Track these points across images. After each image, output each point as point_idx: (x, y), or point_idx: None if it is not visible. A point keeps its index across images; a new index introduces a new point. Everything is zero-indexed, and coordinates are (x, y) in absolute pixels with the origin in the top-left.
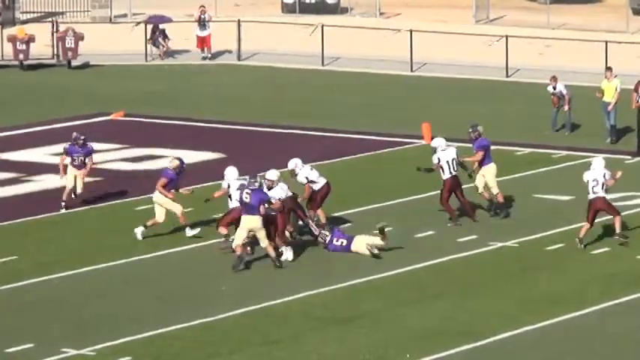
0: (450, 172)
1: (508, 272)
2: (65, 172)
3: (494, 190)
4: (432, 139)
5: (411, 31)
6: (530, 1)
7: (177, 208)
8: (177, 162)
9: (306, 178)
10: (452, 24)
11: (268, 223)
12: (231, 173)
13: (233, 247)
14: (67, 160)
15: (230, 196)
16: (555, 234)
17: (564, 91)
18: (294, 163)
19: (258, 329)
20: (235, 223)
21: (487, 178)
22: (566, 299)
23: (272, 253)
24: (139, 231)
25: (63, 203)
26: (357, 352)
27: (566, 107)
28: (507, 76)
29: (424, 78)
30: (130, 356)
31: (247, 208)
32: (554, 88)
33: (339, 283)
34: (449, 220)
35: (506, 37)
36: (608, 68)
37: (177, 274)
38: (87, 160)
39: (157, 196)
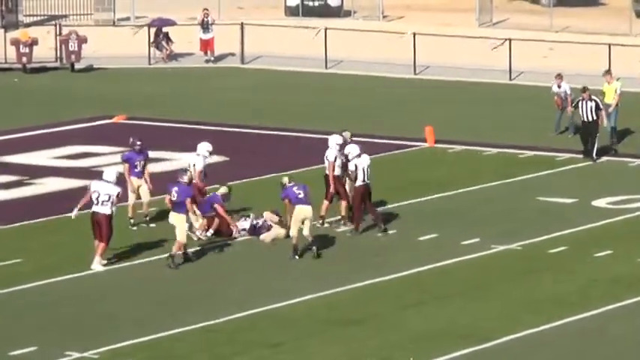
0: (363, 180)
1: (511, 275)
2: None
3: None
4: (435, 142)
5: (414, 34)
6: (533, 4)
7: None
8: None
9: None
10: (455, 27)
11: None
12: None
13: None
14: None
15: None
16: (559, 237)
17: (569, 92)
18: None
19: (263, 332)
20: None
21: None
22: (570, 302)
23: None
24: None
25: (132, 221)
26: (362, 355)
27: (569, 109)
28: (511, 79)
29: (427, 81)
30: (133, 359)
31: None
32: (559, 87)
33: (344, 285)
34: (352, 230)
35: (510, 40)
36: (608, 71)
37: (181, 277)
38: (145, 167)
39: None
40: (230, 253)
